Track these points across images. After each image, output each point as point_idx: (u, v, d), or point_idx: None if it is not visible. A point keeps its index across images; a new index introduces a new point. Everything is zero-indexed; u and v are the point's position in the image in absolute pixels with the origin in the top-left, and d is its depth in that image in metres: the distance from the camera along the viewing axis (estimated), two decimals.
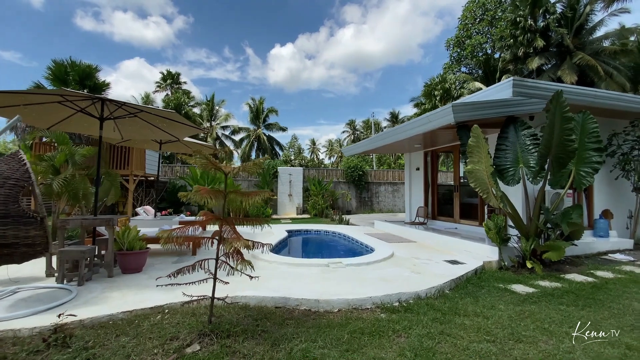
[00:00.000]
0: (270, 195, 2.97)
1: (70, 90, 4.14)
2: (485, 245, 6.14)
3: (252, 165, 2.94)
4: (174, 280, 2.87)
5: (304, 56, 79.71)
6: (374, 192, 18.31)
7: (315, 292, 3.91)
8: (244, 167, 2.90)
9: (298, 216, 15.28)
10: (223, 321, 3.06)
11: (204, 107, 39.92)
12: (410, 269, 5.14)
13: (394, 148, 11.39)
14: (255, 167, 2.95)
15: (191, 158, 2.73)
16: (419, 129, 6.93)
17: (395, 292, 3.89)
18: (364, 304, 3.71)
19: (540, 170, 5.52)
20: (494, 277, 5.06)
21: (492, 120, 6.42)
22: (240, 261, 2.75)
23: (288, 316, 3.40)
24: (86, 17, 60.25)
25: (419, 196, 10.99)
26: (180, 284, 2.91)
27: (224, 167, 2.85)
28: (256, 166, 2.95)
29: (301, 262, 5.28)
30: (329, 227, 10.63)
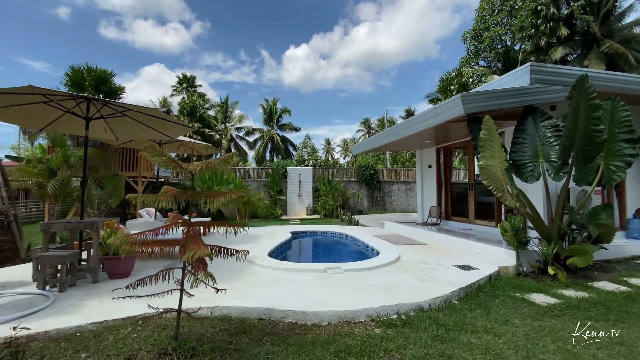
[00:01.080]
0: (239, 196, 2.64)
1: (51, 89, 3.98)
2: (501, 248, 5.60)
3: (220, 162, 2.62)
4: (134, 292, 2.58)
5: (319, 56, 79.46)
6: (387, 192, 17.73)
7: (306, 302, 3.55)
8: (209, 164, 2.58)
9: (308, 217, 14.97)
10: (193, 337, 2.76)
11: (218, 109, 40.33)
12: (415, 275, 4.69)
13: (404, 145, 10.88)
14: (223, 163, 2.62)
15: (152, 154, 2.44)
16: (427, 122, 6.44)
17: (393, 303, 3.48)
18: (357, 316, 3.32)
19: (562, 165, 4.94)
20: (511, 285, 4.54)
21: (508, 111, 5.86)
22: (202, 272, 2.43)
23: (270, 330, 3.06)
24: (109, 26, 62.73)
25: (431, 195, 10.42)
26: (140, 295, 2.62)
27: (188, 166, 2.55)
28: (224, 162, 2.62)
29: (297, 268, 4.94)
30: (336, 228, 10.25)
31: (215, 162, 2.60)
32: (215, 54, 65.92)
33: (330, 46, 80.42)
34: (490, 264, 5.30)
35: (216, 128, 38.62)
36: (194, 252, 2.28)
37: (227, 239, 8.16)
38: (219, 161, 2.62)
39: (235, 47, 70.52)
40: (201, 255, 2.29)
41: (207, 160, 2.60)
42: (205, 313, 3.37)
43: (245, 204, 10.71)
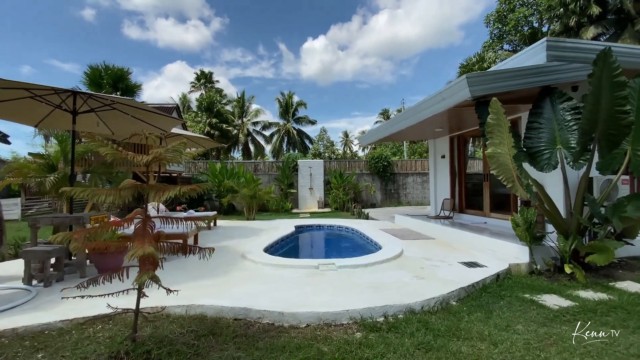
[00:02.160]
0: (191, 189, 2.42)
1: (35, 84, 3.93)
2: (514, 244, 5.12)
3: (173, 153, 2.41)
4: (85, 292, 2.44)
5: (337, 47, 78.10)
6: (401, 184, 17.17)
7: (287, 301, 3.33)
8: (159, 155, 2.37)
9: (319, 210, 14.75)
10: (154, 339, 2.60)
11: (235, 104, 40.64)
12: (413, 273, 4.36)
13: (415, 134, 10.36)
14: (175, 154, 2.41)
15: (96, 145, 2.26)
16: (432, 109, 5.98)
17: (380, 304, 3.18)
18: (339, 318, 3.06)
19: (582, 152, 4.40)
20: (521, 285, 4.12)
21: (523, 94, 5.32)
22: (148, 272, 2.24)
23: (242, 332, 2.86)
24: (132, 26, 64.64)
25: (444, 187, 9.89)
26: (92, 295, 2.48)
27: (136, 156, 2.35)
28: (176, 153, 2.41)
29: (288, 264, 4.73)
30: (343, 222, 9.96)
31: (167, 152, 2.39)
32: (234, 50, 66.55)
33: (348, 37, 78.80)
34: (500, 261, 4.86)
35: (233, 123, 38.97)
36: (136, 251, 2.09)
37: (228, 233, 8.10)
38: (171, 151, 2.41)
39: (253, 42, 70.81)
40: (142, 254, 2.09)
41: (157, 151, 2.40)
42: (180, 312, 3.23)
43: (252, 198, 10.62)
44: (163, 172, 13.08)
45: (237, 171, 13.60)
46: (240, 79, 63.87)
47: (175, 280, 4.11)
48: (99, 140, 2.23)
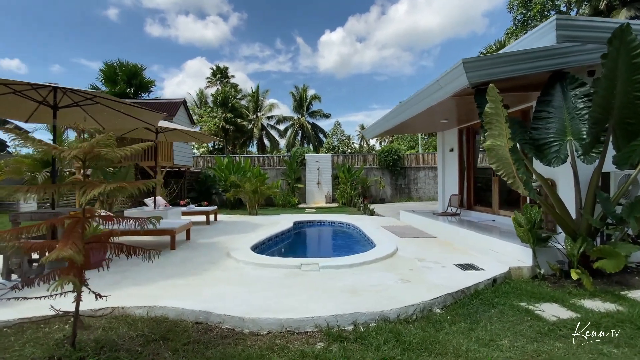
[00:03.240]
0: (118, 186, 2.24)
1: (13, 80, 3.89)
2: (517, 245, 4.69)
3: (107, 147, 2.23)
4: (21, 294, 2.32)
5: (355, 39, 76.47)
6: (412, 178, 16.62)
7: (252, 305, 3.13)
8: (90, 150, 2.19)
9: (326, 205, 14.52)
10: (96, 343, 2.46)
11: (249, 99, 40.78)
12: (400, 275, 4.05)
13: (420, 126, 9.88)
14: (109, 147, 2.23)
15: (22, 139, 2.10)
16: (430, 98, 5.57)
17: (350, 311, 2.92)
18: (303, 325, 2.82)
19: (594, 143, 3.90)
20: (519, 291, 3.73)
21: (531, 80, 4.83)
22: (67, 276, 2.08)
23: (197, 338, 2.68)
24: (154, 23, 66.15)
25: (452, 182, 9.39)
26: (28, 297, 2.36)
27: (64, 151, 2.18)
28: (109, 147, 2.23)
29: (271, 263, 4.53)
30: (345, 218, 9.67)
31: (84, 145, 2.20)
32: (252, 45, 66.79)
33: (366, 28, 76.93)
34: (500, 264, 4.47)
35: (248, 118, 39.16)
36: (51, 255, 1.93)
37: (226, 228, 8.01)
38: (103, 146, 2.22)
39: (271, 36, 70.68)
40: (54, 257, 1.93)
41: (86, 144, 2.21)
42: (141, 313, 3.10)
43: (254, 192, 10.52)
44: (171, 167, 13.21)
45: (244, 166, 13.54)
46: (259, 74, 64.16)
47: (150, 278, 4.01)
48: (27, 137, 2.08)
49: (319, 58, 70.28)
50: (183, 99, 14.11)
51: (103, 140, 2.18)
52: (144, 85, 21.24)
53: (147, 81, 21.57)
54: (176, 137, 8.75)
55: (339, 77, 71.78)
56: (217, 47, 64.56)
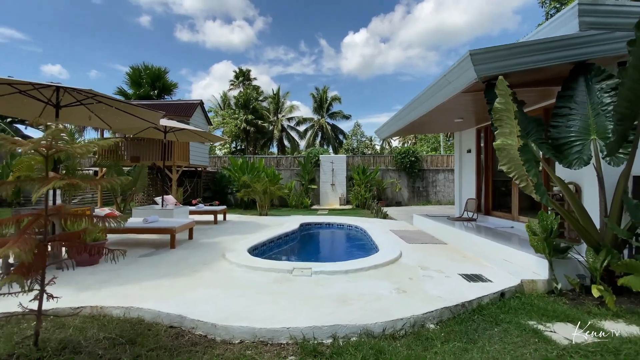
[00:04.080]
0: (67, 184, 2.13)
1: (16, 79, 4.00)
2: (533, 255, 4.25)
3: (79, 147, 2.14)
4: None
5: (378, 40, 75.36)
6: (431, 181, 15.98)
7: (231, 311, 2.98)
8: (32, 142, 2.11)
9: (339, 207, 14.25)
10: (59, 344, 2.38)
11: (270, 101, 41.22)
12: (397, 285, 3.76)
13: (436, 126, 9.40)
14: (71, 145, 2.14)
15: None
16: (439, 95, 5.21)
17: (330, 323, 2.69)
18: (277, 336, 2.63)
19: (620, 142, 3.43)
20: (530, 307, 3.34)
21: (551, 73, 4.38)
22: (13, 275, 1.99)
23: (167, 343, 2.56)
24: (183, 29, 68.69)
25: (470, 185, 8.86)
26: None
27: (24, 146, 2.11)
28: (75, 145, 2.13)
29: (262, 266, 4.36)
30: (355, 220, 9.37)
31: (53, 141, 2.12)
32: (277, 48, 67.76)
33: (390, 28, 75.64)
34: (512, 276, 4.05)
35: (269, 119, 39.59)
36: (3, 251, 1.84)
37: (231, 228, 7.97)
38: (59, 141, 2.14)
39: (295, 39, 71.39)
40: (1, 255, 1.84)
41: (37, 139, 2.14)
42: (118, 313, 3.02)
43: (264, 193, 10.46)
44: (187, 166, 13.47)
45: (258, 166, 13.57)
46: (282, 77, 64.91)
47: (139, 277, 3.96)
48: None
49: (342, 60, 69.97)
50: (200, 101, 14.36)
51: (57, 135, 2.10)
52: (167, 87, 21.93)
53: (170, 84, 22.27)
54: (187, 137, 8.85)
55: (362, 78, 71.04)
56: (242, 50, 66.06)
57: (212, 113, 38.55)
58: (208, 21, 68.95)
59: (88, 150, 2.33)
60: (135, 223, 5.81)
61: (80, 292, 3.44)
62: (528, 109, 6.37)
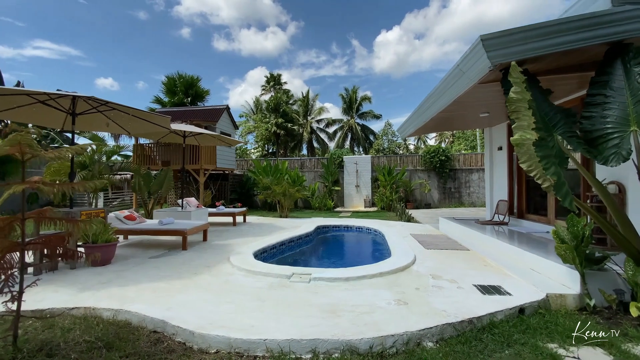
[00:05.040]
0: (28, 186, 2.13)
1: (32, 90, 4.28)
2: (564, 265, 3.71)
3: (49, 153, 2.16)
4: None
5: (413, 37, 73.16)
6: (464, 182, 15.02)
7: (214, 318, 2.88)
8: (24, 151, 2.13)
9: (364, 209, 13.87)
10: (35, 345, 2.42)
11: (300, 104, 41.62)
12: (399, 295, 3.45)
13: (462, 122, 8.78)
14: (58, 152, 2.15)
15: None
16: (455, 88, 4.78)
17: (309, 337, 2.49)
18: (252, 348, 2.48)
19: None
20: (553, 327, 2.89)
21: (583, 57, 3.83)
22: None
23: (144, 349, 2.51)
24: (220, 38, 71.92)
25: (501, 186, 8.14)
26: None
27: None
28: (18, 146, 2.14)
29: (262, 270, 4.24)
30: (375, 223, 8.99)
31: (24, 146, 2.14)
32: (309, 51, 68.59)
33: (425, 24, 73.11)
34: (537, 289, 3.57)
35: (299, 122, 39.99)
36: None
37: (248, 230, 8.01)
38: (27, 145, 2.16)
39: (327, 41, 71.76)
40: None
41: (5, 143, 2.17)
42: (109, 315, 3.06)
43: (283, 195, 10.43)
44: (213, 169, 13.90)
45: (281, 168, 13.64)
46: (314, 79, 65.50)
47: (138, 279, 4.03)
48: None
49: (374, 59, 68.89)
50: (226, 106, 14.79)
51: (26, 139, 2.12)
52: (199, 94, 22.94)
53: (202, 90, 23.27)
54: (207, 141, 9.09)
55: (395, 77, 69.35)
56: (276, 56, 67.62)
57: (244, 118, 39.73)
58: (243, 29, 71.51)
59: (59, 156, 2.35)
60: (151, 225, 6.01)
61: (80, 292, 3.55)
62: (563, 100, 5.69)
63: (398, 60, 70.96)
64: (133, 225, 5.92)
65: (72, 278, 4.08)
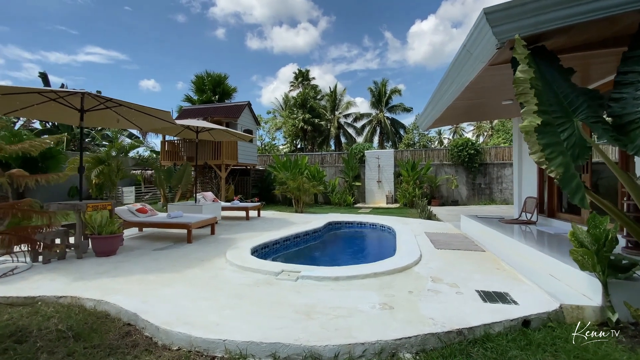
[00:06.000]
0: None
1: (42, 88, 4.51)
2: (586, 272, 3.21)
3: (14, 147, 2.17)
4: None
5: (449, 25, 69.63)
6: (495, 177, 13.97)
7: (184, 313, 2.82)
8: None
9: (385, 206, 13.41)
10: (13, 329, 2.49)
11: (327, 98, 41.32)
12: (387, 299, 3.18)
13: (485, 111, 8.08)
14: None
15: None
16: (464, 74, 4.33)
17: (270, 341, 2.32)
18: (212, 348, 2.36)
19: None
20: (562, 344, 2.50)
21: (608, 31, 3.26)
22: None
23: (108, 342, 2.50)
24: (253, 37, 73.33)
25: (530, 181, 7.41)
26: None
27: None
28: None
29: (252, 266, 4.13)
30: (389, 220, 8.58)
31: None
32: (340, 46, 67.86)
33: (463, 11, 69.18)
34: (551, 298, 3.13)
35: (326, 117, 39.77)
36: None
37: (259, 225, 8.01)
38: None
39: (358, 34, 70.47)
40: None
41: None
42: (91, 305, 3.12)
43: (298, 190, 10.32)
44: (235, 165, 14.15)
45: (300, 163, 13.56)
46: (346, 74, 64.70)
47: (133, 270, 4.11)
48: None
49: (408, 51, 66.53)
50: (247, 102, 14.96)
51: None
52: (226, 92, 23.50)
53: (229, 88, 23.82)
54: (221, 136, 9.20)
55: (431, 68, 66.51)
56: (307, 52, 67.65)
57: (272, 115, 40.22)
58: (275, 27, 72.30)
59: (22, 150, 2.38)
60: (160, 218, 6.18)
61: (74, 282, 3.67)
62: (597, 83, 4.98)
63: (433, 50, 67.85)
64: (143, 218, 6.12)
65: (74, 267, 4.26)
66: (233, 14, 72.81)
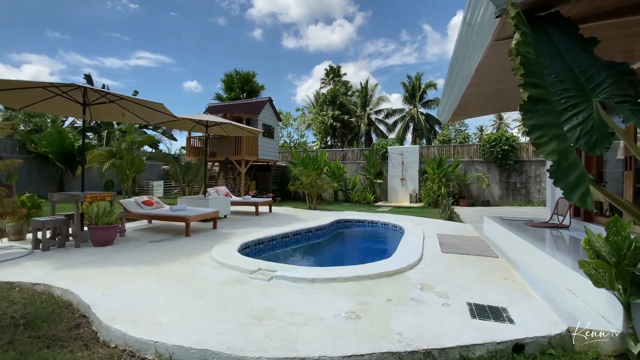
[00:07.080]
0: None
1: (44, 82, 4.70)
2: (605, 290, 2.60)
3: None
4: None
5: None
6: (533, 176, 12.65)
7: (134, 310, 2.70)
8: None
9: (409, 205, 12.72)
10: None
11: (358, 95, 40.56)
12: (359, 308, 2.82)
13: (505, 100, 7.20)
14: None
15: None
16: (470, 53, 3.78)
17: (199, 347, 2.10)
18: (144, 349, 2.19)
19: None
20: None
21: None
22: None
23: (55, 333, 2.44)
24: (289, 37, 74.16)
25: None
26: None
27: None
28: None
29: (229, 264, 3.93)
30: (402, 220, 8.01)
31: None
32: (376, 41, 66.43)
33: None
34: (559, 318, 2.59)
35: (357, 114, 39.09)
36: None
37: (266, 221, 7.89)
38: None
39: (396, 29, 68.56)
40: None
41: None
42: (58, 294, 3.12)
43: (312, 186, 10.06)
44: (255, 161, 14.23)
45: (319, 159, 13.29)
46: (382, 70, 63.21)
47: (114, 262, 4.12)
48: None
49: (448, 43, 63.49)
50: (269, 98, 15.00)
51: None
52: (254, 89, 23.87)
53: (257, 86, 24.18)
54: (234, 132, 9.19)
55: None
56: (342, 49, 67.02)
57: (301, 112, 40.33)
58: (310, 25, 72.46)
59: None
60: (162, 210, 6.27)
61: (56, 270, 3.74)
62: None
63: None
64: (147, 210, 6.24)
65: (67, 256, 4.39)
66: (270, 14, 74.12)
